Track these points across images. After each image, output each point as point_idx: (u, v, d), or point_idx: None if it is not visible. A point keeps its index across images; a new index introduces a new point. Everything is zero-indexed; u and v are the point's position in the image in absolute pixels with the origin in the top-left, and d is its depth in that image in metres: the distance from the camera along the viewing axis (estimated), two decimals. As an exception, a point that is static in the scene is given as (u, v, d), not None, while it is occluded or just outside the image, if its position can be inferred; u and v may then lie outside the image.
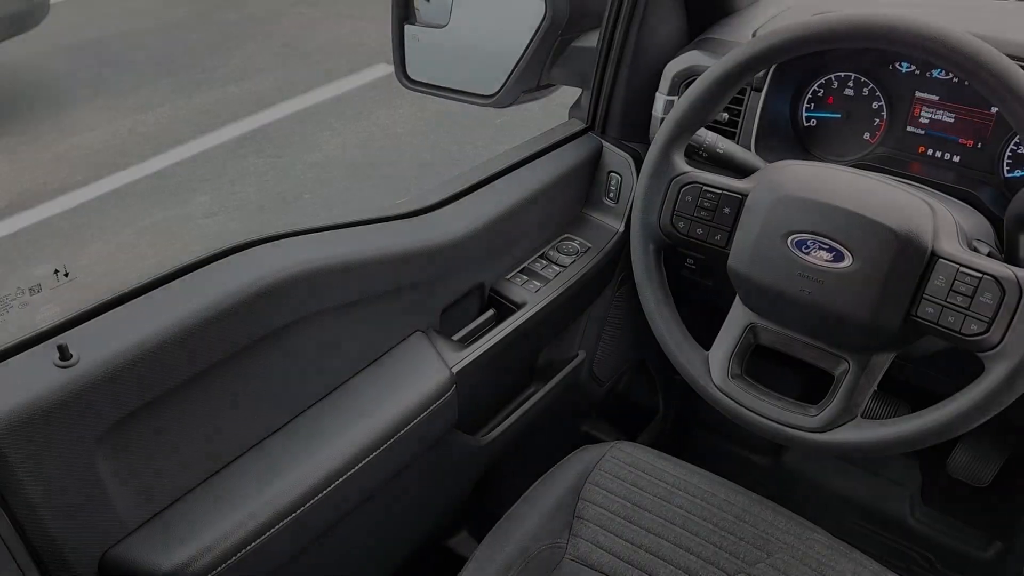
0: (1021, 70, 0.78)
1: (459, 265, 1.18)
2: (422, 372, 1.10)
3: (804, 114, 1.27)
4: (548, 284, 1.28)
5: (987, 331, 0.82)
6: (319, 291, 0.96)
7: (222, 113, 4.42)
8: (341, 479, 0.98)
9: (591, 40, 1.37)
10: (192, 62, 5.08)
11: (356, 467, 1.00)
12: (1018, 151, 1.10)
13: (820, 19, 0.87)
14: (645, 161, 1.01)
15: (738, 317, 1.00)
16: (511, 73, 1.38)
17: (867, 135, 1.23)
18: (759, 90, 1.20)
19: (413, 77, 1.47)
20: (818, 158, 1.26)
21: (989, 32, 1.03)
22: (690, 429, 1.85)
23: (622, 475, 1.16)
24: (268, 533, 0.91)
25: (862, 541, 1.62)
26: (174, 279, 0.88)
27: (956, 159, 1.17)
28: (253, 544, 0.89)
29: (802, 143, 1.28)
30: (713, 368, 0.99)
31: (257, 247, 0.95)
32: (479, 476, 1.34)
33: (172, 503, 0.88)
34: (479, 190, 1.24)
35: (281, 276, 0.91)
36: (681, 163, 0.99)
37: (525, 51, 1.36)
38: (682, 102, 0.97)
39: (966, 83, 1.03)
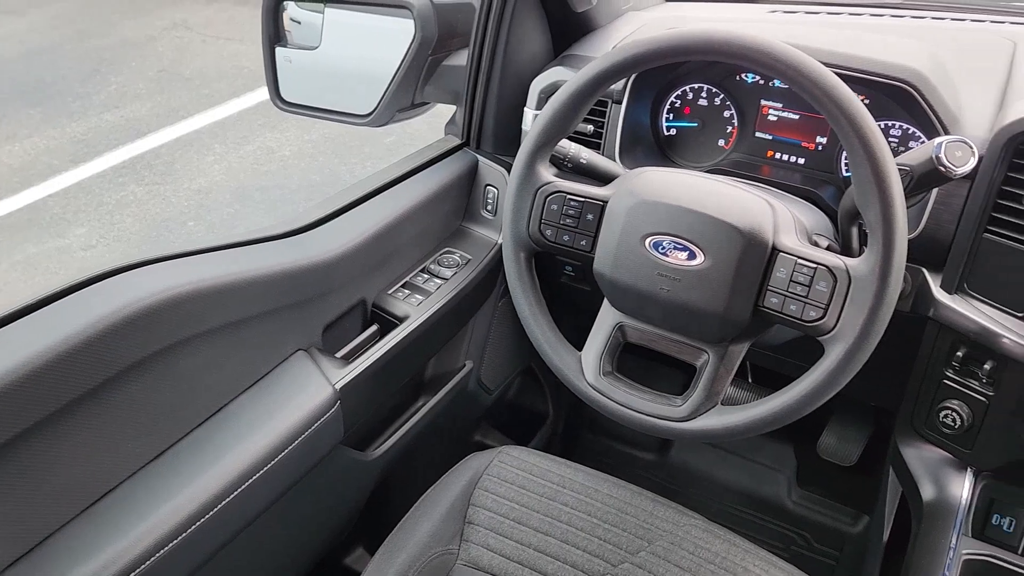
0: (836, 76, 0.86)
1: (340, 282, 1.19)
2: (304, 391, 1.11)
3: (664, 124, 1.35)
4: (430, 297, 1.30)
5: (824, 316, 0.90)
6: (193, 315, 0.96)
7: (98, 142, 4.26)
8: (225, 502, 0.98)
9: (462, 59, 1.42)
10: (64, 89, 4.88)
11: (240, 489, 1.00)
12: None
13: (663, 35, 0.94)
14: (512, 173, 1.05)
15: (606, 318, 1.05)
16: (385, 93, 1.41)
17: (721, 142, 1.32)
18: (620, 103, 1.26)
19: (287, 99, 1.47)
20: (679, 165, 1.34)
21: (822, 46, 1.13)
22: (580, 431, 1.91)
23: (510, 478, 1.19)
24: (151, 560, 0.90)
25: (744, 525, 1.72)
26: (37, 309, 0.86)
27: (801, 161, 1.26)
28: (136, 572, 0.88)
29: (664, 151, 1.35)
30: (586, 367, 1.04)
31: (127, 272, 0.94)
32: (371, 491, 1.35)
33: (46, 539, 0.86)
34: (357, 207, 1.26)
35: (151, 301, 0.90)
36: (546, 173, 1.04)
37: (397, 71, 1.39)
38: (542, 115, 1.02)
39: None
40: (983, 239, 1.05)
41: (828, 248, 0.99)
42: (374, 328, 1.25)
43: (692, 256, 0.95)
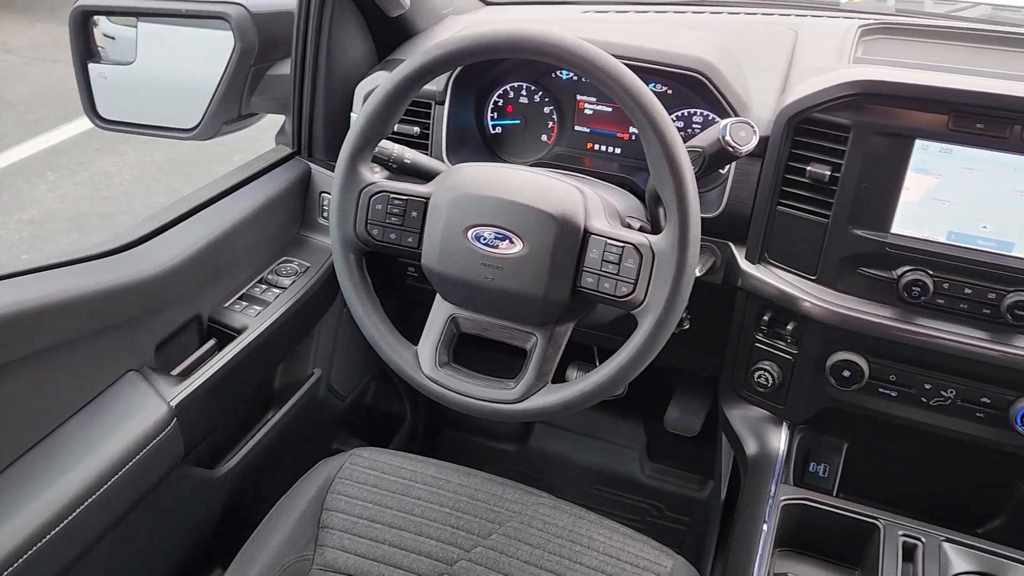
0: (625, 67, 0.93)
1: (170, 298, 1.17)
2: (137, 411, 1.08)
3: (489, 122, 1.40)
4: (268, 307, 1.30)
5: (634, 291, 0.96)
6: (12, 339, 0.92)
7: (-89, 175, 3.94)
8: (55, 531, 0.94)
9: (287, 68, 1.41)
10: None
11: (72, 516, 0.96)
12: None
13: (465, 35, 0.98)
14: (335, 176, 1.06)
15: (439, 310, 1.09)
16: (209, 105, 1.39)
17: (544, 137, 1.38)
18: (442, 104, 1.30)
19: (105, 116, 1.43)
20: (506, 161, 1.39)
21: (621, 41, 1.21)
22: (442, 429, 1.94)
23: (362, 479, 1.20)
24: None
25: (603, 503, 1.79)
26: None
27: (618, 151, 1.34)
28: None
29: (491, 149, 1.40)
30: (423, 360, 1.07)
31: None
32: (223, 507, 1.33)
33: None
34: (185, 221, 1.23)
35: None
36: (368, 174, 1.06)
37: (220, 83, 1.37)
38: (358, 118, 1.04)
39: None
40: (777, 211, 1.15)
41: (640, 229, 1.06)
42: (211, 343, 1.23)
43: (512, 244, 1.00)
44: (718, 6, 1.51)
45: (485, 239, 1.00)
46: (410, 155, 1.15)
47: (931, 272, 1.07)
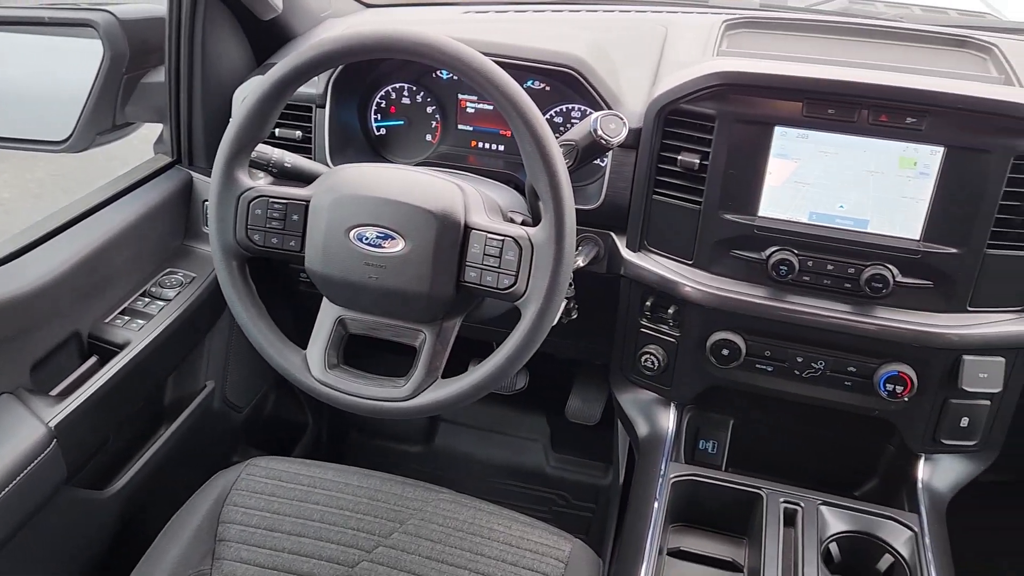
0: (494, 64, 0.95)
1: (46, 315, 1.13)
2: (12, 435, 1.04)
3: (373, 124, 1.40)
4: (152, 320, 1.26)
5: (515, 283, 0.98)
6: None
7: None
8: None
9: (162, 75, 1.38)
10: None
11: None
12: None
13: (335, 36, 0.98)
14: (211, 182, 1.05)
15: (326, 313, 1.08)
16: (80, 116, 1.34)
17: (429, 137, 1.39)
18: (323, 106, 1.30)
19: (-34, 131, 1.36)
20: (393, 162, 1.39)
21: (495, 39, 1.23)
22: (347, 435, 1.93)
23: (259, 489, 1.19)
24: None
25: (510, 496, 1.82)
26: None
27: (501, 148, 1.36)
28: None
29: (376, 150, 1.40)
30: (312, 364, 1.06)
31: None
32: (115, 530, 1.29)
33: None
34: (57, 236, 1.19)
35: None
36: (246, 179, 1.05)
37: (91, 93, 1.33)
38: (232, 124, 1.03)
39: None
40: (653, 200, 1.20)
41: (523, 223, 1.08)
42: (92, 360, 1.19)
43: (394, 243, 1.00)
44: (593, 4, 1.55)
45: (367, 239, 1.01)
46: (290, 159, 1.14)
47: (796, 251, 1.13)
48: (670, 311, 1.23)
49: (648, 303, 1.24)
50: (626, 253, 1.24)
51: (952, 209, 1.07)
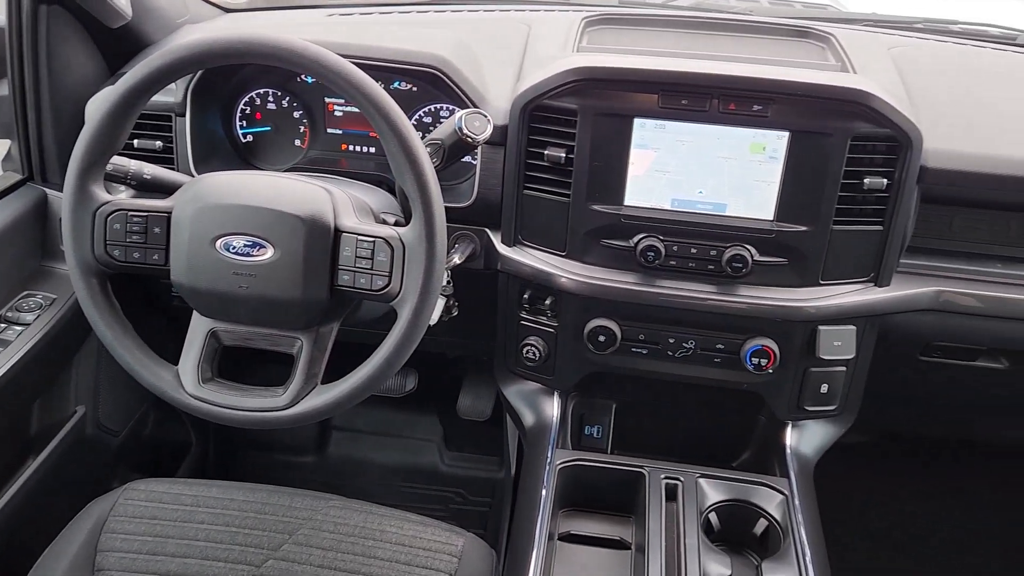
0: (353, 65, 0.95)
1: None
2: None
3: (239, 131, 1.37)
4: (10, 347, 1.20)
5: (389, 283, 0.98)
6: None
7: None
8: None
9: (4, 89, 1.31)
10: None
11: None
12: None
13: (184, 43, 0.95)
14: (63, 198, 1.00)
15: (197, 326, 1.06)
16: (-85, 134, 1.26)
17: (298, 142, 1.37)
18: (183, 115, 1.26)
19: None
20: (262, 169, 1.37)
21: (358, 41, 1.23)
22: (239, 451, 1.88)
23: (139, 514, 1.15)
24: None
25: (408, 498, 1.82)
26: None
27: (372, 150, 1.36)
28: None
29: (244, 158, 1.37)
30: (185, 379, 1.03)
31: None
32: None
33: None
34: None
35: None
36: (102, 193, 1.01)
37: (-74, 108, 1.25)
38: (82, 136, 0.98)
39: None
40: (524, 195, 1.22)
41: (396, 224, 1.09)
42: None
43: (263, 250, 0.99)
44: (458, 4, 1.57)
45: (235, 248, 0.99)
46: (149, 170, 1.11)
47: (662, 237, 1.18)
48: (547, 302, 1.26)
49: (526, 296, 1.27)
50: (502, 248, 1.26)
51: (800, 190, 1.14)
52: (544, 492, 1.18)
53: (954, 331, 1.25)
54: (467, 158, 1.28)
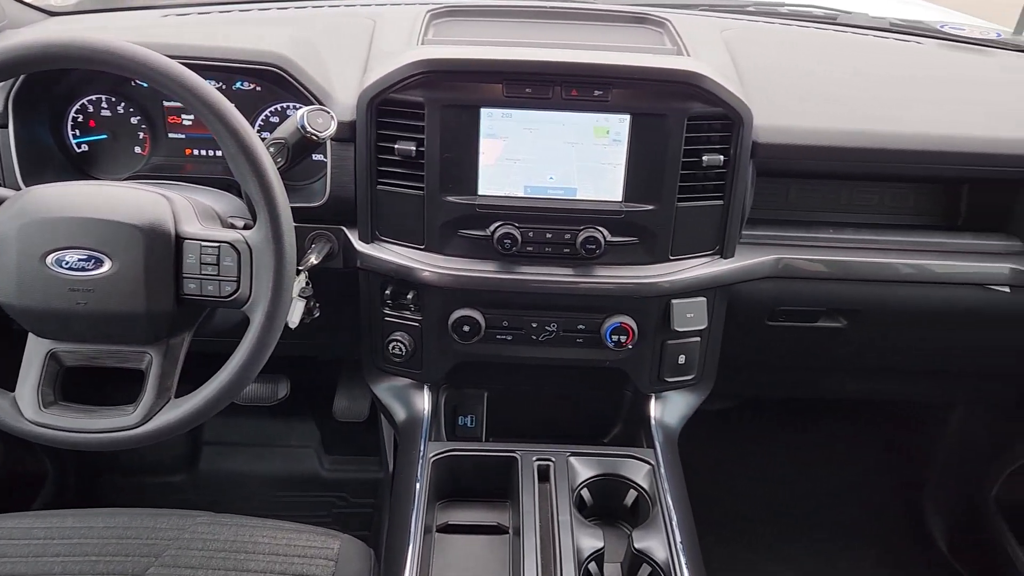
0: (183, 67, 0.92)
1: None
2: None
3: (71, 140, 1.30)
4: None
5: (238, 288, 0.96)
6: None
7: None
8: None
9: None
10: None
11: None
12: None
13: None
14: None
15: (34, 348, 1.00)
16: None
17: (138, 149, 1.31)
18: (5, 126, 1.18)
19: None
20: (100, 179, 1.30)
21: (192, 42, 1.19)
22: (99, 477, 1.78)
23: None
24: None
25: (289, 508, 1.78)
26: None
27: (219, 153, 1.32)
28: None
29: (79, 169, 1.30)
30: (24, 405, 0.98)
31: None
32: None
33: None
34: None
35: None
36: None
37: None
38: None
39: None
40: (378, 191, 1.21)
41: (245, 227, 1.06)
42: None
43: (100, 264, 0.94)
44: (302, 1, 1.53)
45: (68, 263, 0.94)
46: None
47: (517, 224, 1.20)
48: (409, 296, 1.26)
49: (388, 292, 1.26)
50: (360, 245, 1.25)
51: (644, 170, 1.18)
52: (418, 486, 1.18)
53: (796, 295, 1.33)
54: (318, 156, 1.27)
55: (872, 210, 1.40)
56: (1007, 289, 1.30)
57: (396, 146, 1.17)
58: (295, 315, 1.16)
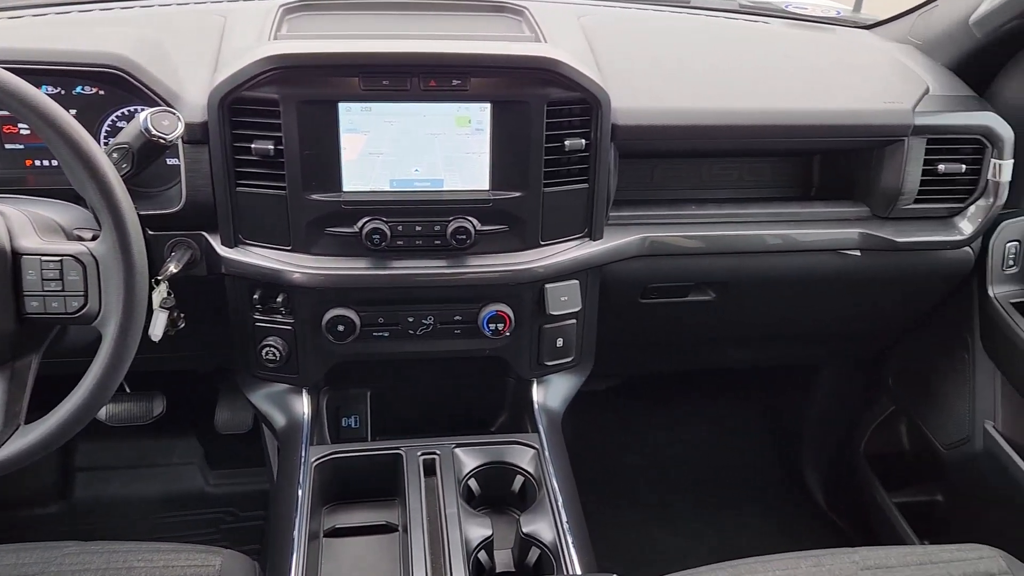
0: (7, 72, 0.86)
1: None
2: None
3: None
4: None
5: (87, 303, 0.91)
6: None
7: None
8: None
9: None
10: None
11: None
12: None
13: None
14: None
15: None
16: None
17: None
18: None
19: None
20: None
21: (18, 44, 1.12)
22: None
23: None
24: None
25: (172, 529, 1.71)
26: None
27: (62, 163, 1.24)
28: None
29: None
30: None
31: None
32: None
33: None
34: None
35: None
36: None
37: None
38: None
39: None
40: (237, 193, 1.17)
41: (93, 239, 1.00)
42: None
43: None
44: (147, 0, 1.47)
45: None
46: None
47: (385, 219, 1.18)
48: (279, 300, 1.22)
49: (256, 296, 1.22)
50: (223, 251, 1.20)
51: (509, 158, 1.19)
52: (300, 492, 1.15)
53: (665, 272, 1.37)
54: (172, 160, 1.21)
55: (732, 185, 1.46)
56: (858, 253, 1.38)
57: (253, 146, 1.13)
58: (158, 328, 1.11)
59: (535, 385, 1.36)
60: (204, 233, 1.21)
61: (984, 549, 1.08)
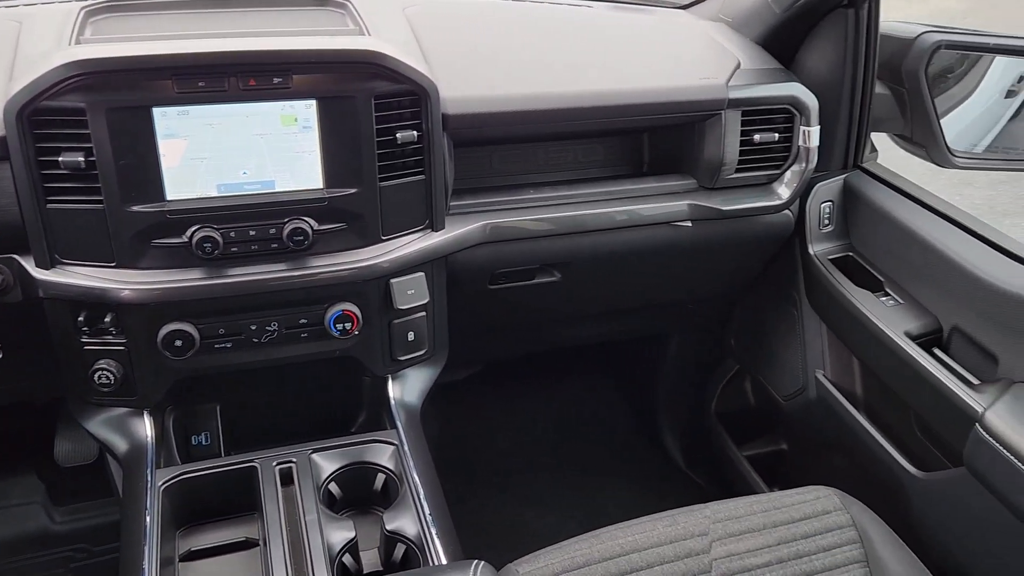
0: None
1: None
2: None
3: None
4: None
5: None
6: None
7: None
8: None
9: None
10: None
11: None
12: None
13: None
14: None
15: None
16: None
17: None
18: None
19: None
20: None
21: None
22: None
23: None
24: None
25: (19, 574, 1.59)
26: None
27: None
28: None
29: None
30: None
31: None
32: None
33: None
34: None
35: None
36: None
37: None
38: None
39: None
40: (49, 210, 1.10)
41: None
42: None
43: None
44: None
45: None
46: None
47: (216, 226, 1.13)
48: (108, 320, 1.15)
49: (81, 318, 1.15)
50: (38, 273, 1.12)
51: (341, 154, 1.17)
52: (149, 518, 1.09)
53: (510, 257, 1.39)
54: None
55: (569, 166, 1.49)
56: (689, 224, 1.45)
57: (61, 159, 1.06)
58: None
59: (391, 381, 1.35)
60: (15, 256, 1.12)
61: (820, 489, 1.17)
